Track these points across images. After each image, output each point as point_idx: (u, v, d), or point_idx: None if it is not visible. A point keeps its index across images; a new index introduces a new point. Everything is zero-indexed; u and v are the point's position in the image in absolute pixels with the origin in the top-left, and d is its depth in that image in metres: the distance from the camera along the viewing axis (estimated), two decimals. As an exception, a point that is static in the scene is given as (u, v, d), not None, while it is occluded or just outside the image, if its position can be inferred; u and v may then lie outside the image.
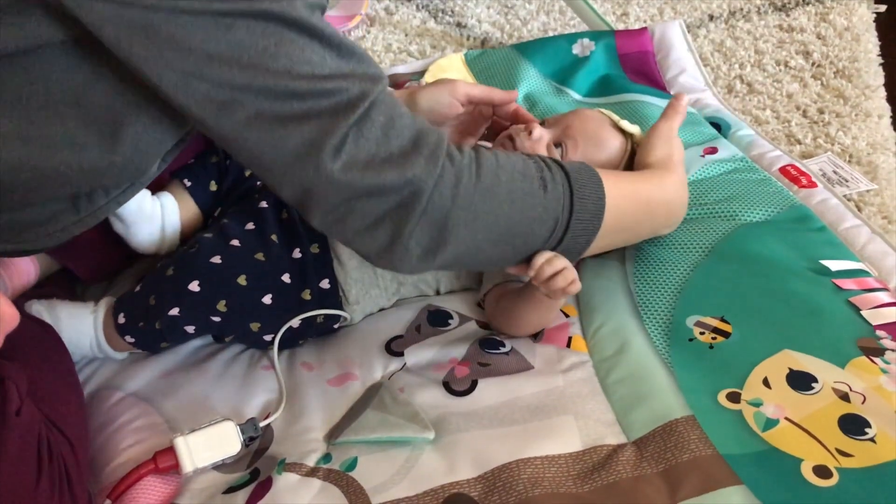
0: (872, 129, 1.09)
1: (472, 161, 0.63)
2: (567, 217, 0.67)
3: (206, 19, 0.54)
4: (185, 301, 0.74)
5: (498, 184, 0.63)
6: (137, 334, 0.78)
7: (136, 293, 0.78)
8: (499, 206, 0.63)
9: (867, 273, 0.78)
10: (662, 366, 0.71)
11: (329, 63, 0.58)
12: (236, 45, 0.55)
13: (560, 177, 0.66)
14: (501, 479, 0.62)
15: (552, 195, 0.65)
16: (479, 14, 1.52)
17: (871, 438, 0.61)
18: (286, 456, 0.68)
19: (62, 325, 0.78)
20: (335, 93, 0.58)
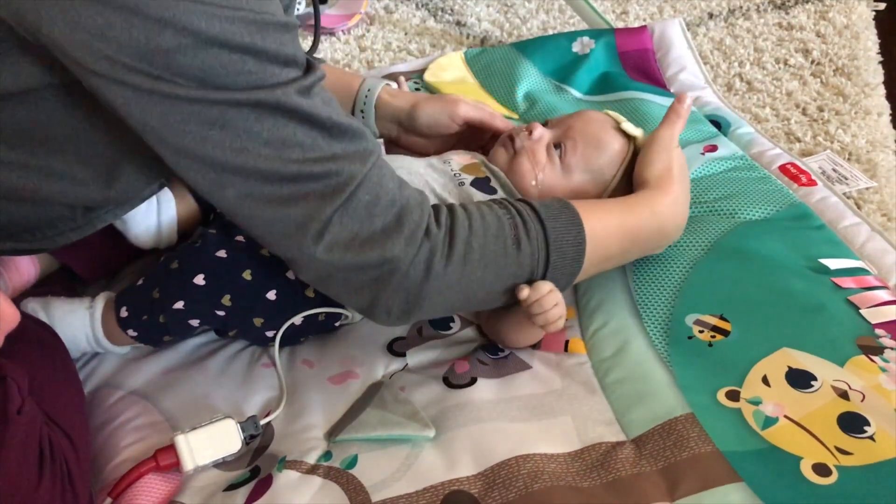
0: (872, 126, 1.09)
1: (446, 234, 0.64)
2: (543, 268, 0.68)
3: (202, 106, 0.56)
4: (190, 295, 0.74)
5: (470, 252, 0.65)
6: (140, 328, 0.77)
7: (138, 286, 0.77)
8: (472, 273, 0.65)
9: (866, 271, 0.78)
10: (661, 364, 0.71)
11: (320, 145, 0.59)
12: (230, 130, 0.57)
13: (535, 230, 0.67)
14: (501, 475, 0.62)
15: (526, 252, 0.66)
16: (478, 12, 1.52)
17: (870, 436, 0.61)
18: (286, 454, 0.68)
19: (57, 322, 0.78)
20: (324, 176, 0.59)
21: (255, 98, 0.56)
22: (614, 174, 0.80)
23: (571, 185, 0.80)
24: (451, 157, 0.83)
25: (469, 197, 0.78)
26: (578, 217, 0.69)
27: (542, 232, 0.67)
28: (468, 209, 0.67)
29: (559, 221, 0.68)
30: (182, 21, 0.52)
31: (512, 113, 1.16)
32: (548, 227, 0.67)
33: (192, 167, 0.59)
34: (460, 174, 0.80)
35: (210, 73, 0.54)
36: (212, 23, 0.53)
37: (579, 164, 0.80)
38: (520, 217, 0.67)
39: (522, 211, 0.68)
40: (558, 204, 0.70)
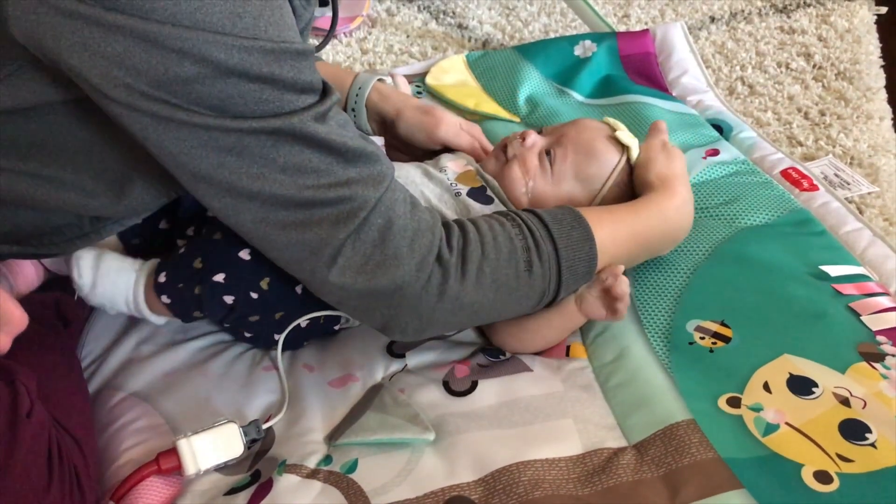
0: (874, 131, 1.09)
1: (458, 257, 0.65)
2: (555, 288, 0.69)
3: (219, 133, 0.56)
4: (233, 268, 0.72)
5: (482, 276, 0.65)
6: (175, 295, 0.75)
7: (181, 255, 0.75)
8: (483, 296, 0.66)
9: (868, 277, 0.78)
10: (662, 370, 0.71)
11: (335, 170, 0.60)
12: (246, 157, 0.58)
13: (547, 253, 0.67)
14: (502, 481, 0.62)
15: (537, 275, 0.67)
16: (480, 15, 1.52)
17: (871, 444, 0.61)
18: (287, 457, 0.68)
19: (102, 277, 0.76)
20: (337, 202, 0.60)
21: (272, 126, 0.57)
22: (605, 182, 0.80)
23: (561, 193, 0.81)
24: (446, 164, 0.83)
25: (466, 207, 0.78)
26: (590, 231, 0.69)
27: (555, 253, 0.67)
28: (480, 230, 0.67)
29: (571, 239, 0.68)
30: (201, 52, 0.53)
31: (513, 116, 1.16)
32: (560, 247, 0.68)
33: (209, 192, 0.60)
34: (456, 184, 0.80)
35: (228, 102, 0.55)
36: (230, 53, 0.54)
37: (569, 172, 0.81)
38: (532, 239, 0.67)
39: (535, 231, 0.68)
40: (570, 217, 0.70)
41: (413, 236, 0.63)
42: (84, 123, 0.61)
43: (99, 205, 0.66)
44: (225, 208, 0.61)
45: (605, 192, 0.81)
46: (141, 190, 0.67)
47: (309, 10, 0.67)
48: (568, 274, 0.68)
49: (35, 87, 0.58)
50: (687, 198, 0.78)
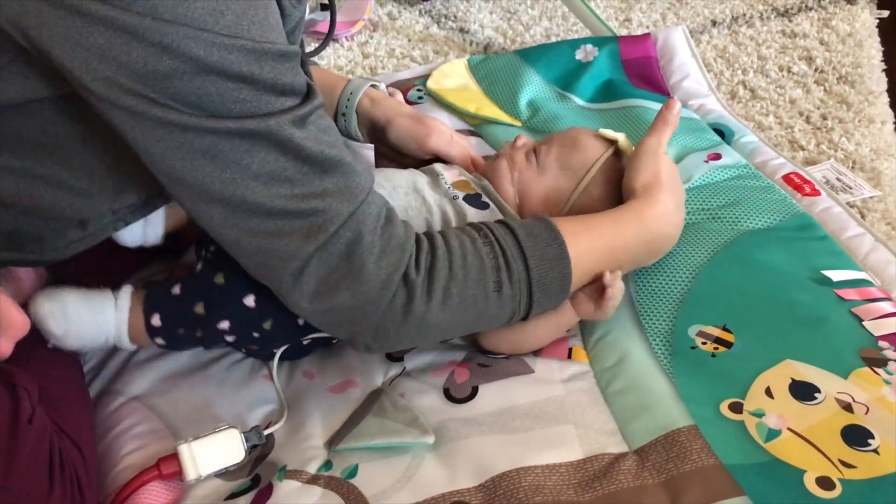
0: (876, 135, 1.09)
1: (425, 277, 0.63)
2: (526, 307, 0.68)
3: (194, 134, 0.56)
4: (238, 316, 0.72)
5: (449, 297, 0.64)
6: (173, 339, 0.74)
7: (176, 297, 0.73)
8: (450, 316, 0.65)
9: (870, 283, 0.78)
10: (664, 375, 0.70)
11: (309, 180, 0.59)
12: (220, 161, 0.57)
13: (518, 272, 0.66)
14: (502, 486, 0.61)
15: (507, 295, 0.66)
16: (481, 19, 1.52)
17: (874, 450, 0.61)
18: (287, 463, 0.68)
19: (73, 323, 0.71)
20: (309, 214, 0.59)
21: (247, 127, 0.56)
22: (588, 169, 0.80)
23: (547, 183, 0.81)
24: (441, 171, 0.83)
25: (462, 212, 0.77)
26: (565, 249, 0.68)
27: (526, 273, 0.66)
28: (450, 247, 0.65)
29: (545, 258, 0.67)
30: (181, 47, 0.52)
31: (515, 120, 1.16)
32: (531, 266, 0.66)
33: (182, 193, 0.59)
34: (453, 189, 0.80)
35: (205, 100, 0.55)
36: (210, 51, 0.53)
37: (554, 163, 0.82)
38: (503, 257, 0.66)
39: (507, 249, 0.66)
40: (546, 234, 0.68)
41: (381, 253, 0.62)
42: (75, 120, 0.61)
43: (95, 204, 0.66)
44: (196, 210, 0.60)
45: (590, 182, 0.80)
46: (136, 189, 0.66)
47: (299, 10, 0.66)
48: (540, 293, 0.67)
49: (26, 81, 0.58)
50: (670, 206, 0.75)
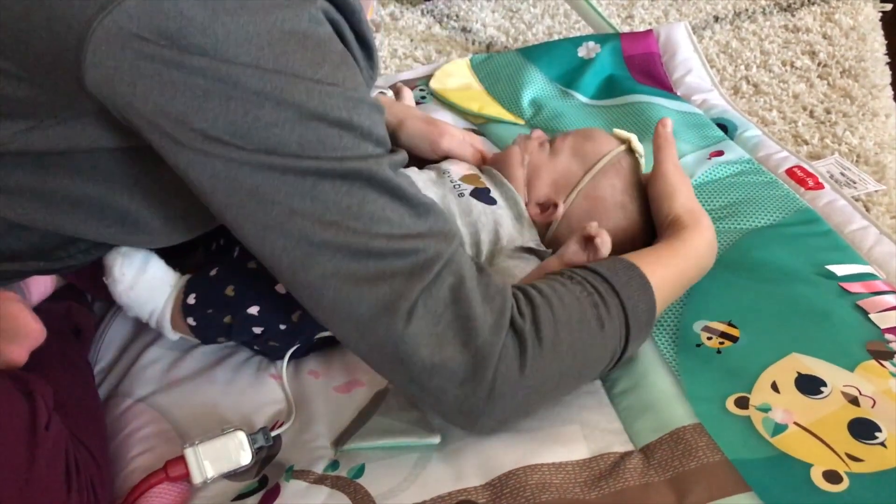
0: (880, 128, 1.09)
1: (531, 325, 0.60)
2: (624, 343, 0.65)
3: (293, 177, 0.55)
4: (268, 302, 0.72)
5: (559, 342, 0.60)
6: (202, 320, 0.75)
7: (211, 277, 0.74)
8: (562, 364, 0.61)
9: (875, 276, 0.78)
10: (669, 373, 0.70)
11: (407, 222, 0.58)
12: (321, 202, 0.56)
13: (615, 307, 0.63)
14: (509, 485, 0.61)
15: (609, 331, 0.63)
16: (483, 18, 1.53)
17: (881, 443, 0.61)
18: (294, 463, 0.68)
19: (142, 283, 0.74)
20: (411, 253, 0.58)
21: (348, 167, 0.56)
22: (599, 159, 0.81)
23: (558, 167, 0.82)
24: (449, 168, 0.83)
25: (469, 206, 0.78)
26: (647, 279, 0.66)
27: (621, 305, 0.63)
28: (544, 292, 0.62)
29: (632, 289, 0.65)
30: (282, 93, 0.53)
31: (518, 119, 1.16)
32: (624, 298, 0.63)
33: (278, 244, 0.57)
34: (460, 184, 0.80)
35: (306, 147, 0.55)
36: (311, 96, 0.54)
37: (566, 149, 0.83)
38: (598, 294, 0.63)
39: (597, 285, 0.63)
40: (624, 268, 0.66)
41: (483, 298, 0.59)
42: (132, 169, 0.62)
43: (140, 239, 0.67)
44: (294, 263, 0.57)
45: (599, 172, 0.80)
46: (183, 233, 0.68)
47: (373, 79, 0.68)
48: (634, 326, 0.64)
49: (92, 132, 0.58)
50: (712, 232, 0.76)
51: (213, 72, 0.52)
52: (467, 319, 0.58)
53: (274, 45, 0.53)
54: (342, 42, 0.60)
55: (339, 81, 0.56)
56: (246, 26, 0.53)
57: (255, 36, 0.53)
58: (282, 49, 0.53)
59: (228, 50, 0.52)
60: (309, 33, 0.55)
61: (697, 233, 0.74)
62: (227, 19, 0.52)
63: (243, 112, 0.53)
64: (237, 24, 0.52)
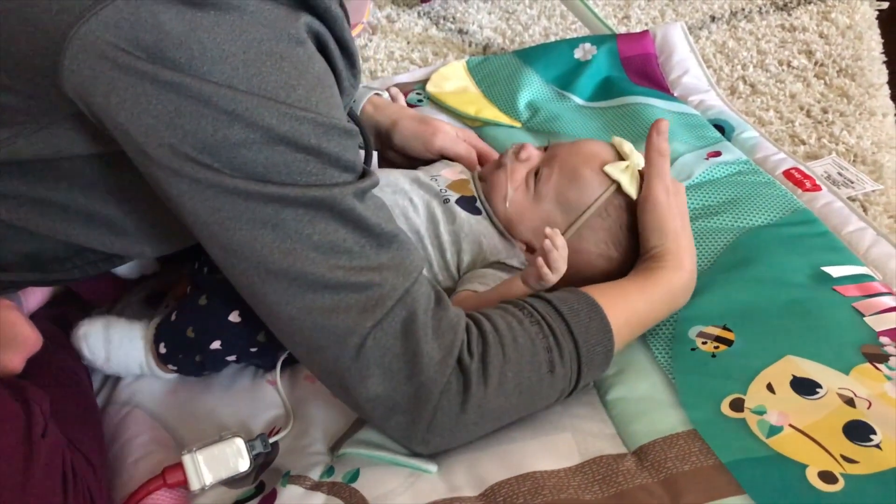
0: (877, 127, 1.09)
1: (479, 363, 0.61)
2: (574, 383, 0.65)
3: (255, 203, 0.56)
4: (226, 333, 0.72)
5: (505, 381, 0.61)
6: (179, 364, 0.77)
7: (173, 322, 0.75)
8: (506, 402, 0.62)
9: (871, 277, 0.78)
10: (664, 379, 0.70)
11: (367, 253, 0.59)
12: (281, 230, 0.56)
13: (569, 352, 0.63)
14: (501, 494, 0.61)
15: (559, 375, 0.63)
16: (480, 20, 1.52)
17: (876, 445, 0.61)
18: (291, 469, 0.68)
19: (114, 349, 0.77)
20: (366, 287, 0.58)
21: (311, 195, 0.56)
22: (585, 210, 0.76)
23: (540, 213, 0.78)
24: (440, 172, 0.83)
25: (452, 214, 0.77)
26: (607, 322, 0.66)
27: (576, 351, 0.64)
28: (499, 330, 0.62)
29: (590, 332, 0.65)
30: (253, 115, 0.53)
31: (515, 122, 1.16)
32: (580, 343, 0.64)
33: (238, 267, 0.59)
34: (446, 191, 0.80)
35: (272, 170, 0.55)
36: (282, 121, 0.54)
37: (550, 194, 0.78)
38: (553, 338, 0.63)
39: (555, 327, 0.63)
40: (586, 307, 0.65)
41: (434, 334, 0.60)
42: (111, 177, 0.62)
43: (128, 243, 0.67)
44: (251, 287, 0.59)
45: (587, 220, 0.76)
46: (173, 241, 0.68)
47: (355, 87, 0.67)
48: (587, 369, 0.65)
49: (73, 137, 0.58)
50: (693, 272, 0.74)
51: (185, 88, 0.52)
52: (414, 355, 0.59)
53: (249, 66, 0.53)
54: (325, 52, 0.60)
55: (311, 106, 0.55)
56: (222, 44, 0.52)
57: (230, 55, 0.53)
58: (257, 69, 0.53)
59: (202, 67, 0.52)
60: (286, 54, 0.55)
61: (675, 276, 0.72)
62: (203, 35, 0.52)
63: (213, 130, 0.53)
64: (214, 41, 0.52)
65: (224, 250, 0.58)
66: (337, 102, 0.59)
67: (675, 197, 0.75)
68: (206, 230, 0.58)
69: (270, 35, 0.54)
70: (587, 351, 0.64)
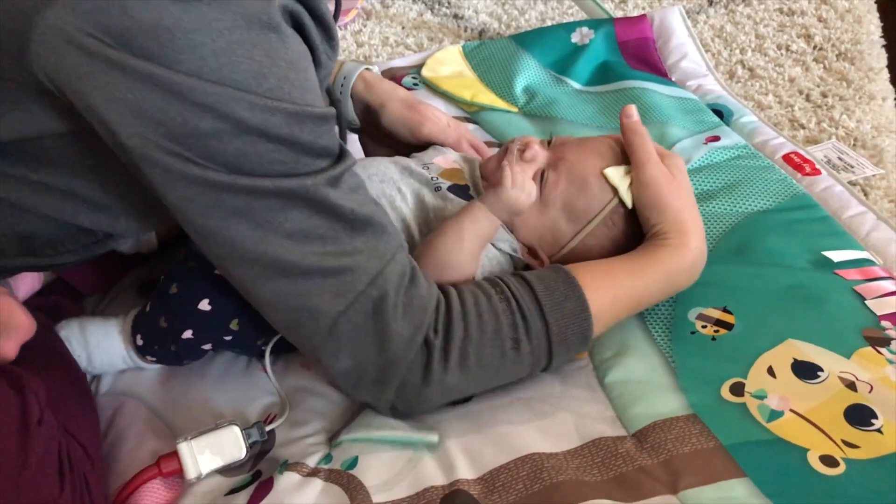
0: (877, 111, 1.08)
1: (442, 340, 0.63)
2: (546, 362, 0.66)
3: (228, 194, 0.56)
4: (197, 322, 0.72)
5: (466, 358, 0.63)
6: (157, 355, 0.76)
7: (147, 313, 0.75)
8: (468, 376, 0.64)
9: (872, 262, 0.77)
10: (664, 362, 0.70)
11: (340, 238, 0.59)
12: (253, 219, 0.57)
13: (536, 329, 0.64)
14: (500, 478, 0.61)
15: (525, 352, 0.64)
16: (475, 5, 1.51)
17: (877, 429, 0.60)
18: (288, 457, 0.68)
19: (94, 349, 0.77)
20: (340, 272, 0.59)
21: (284, 186, 0.56)
22: (592, 218, 0.74)
23: (546, 221, 0.75)
24: (432, 160, 0.81)
25: (445, 201, 0.76)
26: (585, 302, 0.65)
27: (545, 329, 0.64)
28: (466, 306, 0.64)
29: (563, 312, 0.65)
30: (223, 107, 0.53)
31: (511, 106, 1.15)
32: (550, 322, 0.64)
33: (213, 251, 0.60)
34: (438, 178, 0.78)
35: (243, 160, 0.55)
36: (253, 113, 0.53)
37: (557, 202, 0.75)
38: (520, 314, 0.64)
39: (524, 305, 0.64)
40: (563, 286, 0.65)
41: (404, 313, 0.61)
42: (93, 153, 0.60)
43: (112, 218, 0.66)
44: (227, 269, 0.61)
45: (592, 229, 0.74)
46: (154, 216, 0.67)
47: (332, 59, 0.66)
48: (559, 348, 0.65)
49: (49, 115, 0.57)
50: (697, 255, 0.70)
51: (154, 78, 0.51)
52: (384, 333, 0.61)
53: (219, 55, 0.52)
54: (301, 30, 0.58)
55: (283, 95, 0.55)
56: (190, 33, 0.51)
57: (199, 44, 0.51)
58: (227, 59, 0.52)
59: (171, 56, 0.51)
60: (257, 42, 0.53)
61: (676, 254, 0.69)
62: (171, 23, 0.51)
63: (182, 121, 0.53)
64: (182, 29, 0.51)
65: (199, 235, 0.59)
66: (311, 86, 0.58)
67: (676, 171, 0.73)
68: (179, 215, 0.58)
69: (241, 23, 0.53)
70: (559, 331, 0.65)
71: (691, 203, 0.73)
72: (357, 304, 0.60)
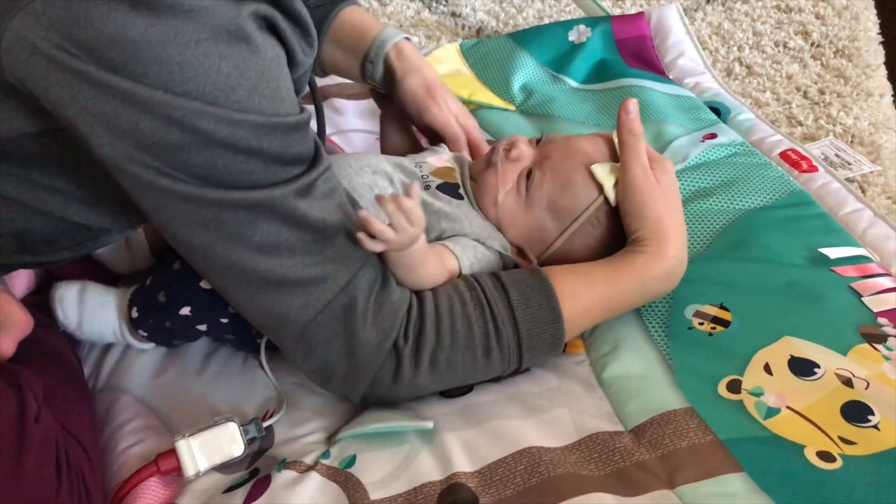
0: (874, 108, 1.08)
1: (413, 346, 0.63)
2: (517, 364, 0.67)
3: (197, 206, 0.56)
4: (196, 300, 0.72)
5: (436, 363, 0.64)
6: (150, 330, 0.76)
7: (147, 287, 0.76)
8: (438, 379, 0.66)
9: (868, 259, 0.78)
10: (660, 358, 0.70)
11: (310, 249, 0.60)
12: (222, 232, 0.57)
13: (507, 337, 0.65)
14: (498, 472, 0.61)
15: (496, 359, 0.66)
16: (473, 3, 1.51)
17: (874, 426, 0.61)
18: (286, 456, 0.68)
19: (87, 313, 0.77)
20: (309, 282, 0.60)
21: (251, 198, 0.56)
22: (577, 217, 0.73)
23: (531, 220, 0.75)
24: (426, 160, 0.81)
25: (434, 198, 0.75)
26: (558, 311, 0.66)
27: (516, 337, 0.65)
28: (439, 311, 0.64)
29: (536, 321, 0.66)
30: (191, 122, 0.52)
31: (509, 104, 1.15)
32: (522, 331, 0.65)
33: (187, 255, 0.61)
34: (429, 177, 0.78)
35: (212, 172, 0.55)
36: (220, 126, 0.53)
37: (542, 201, 0.74)
38: (493, 322, 0.65)
39: (497, 314, 0.65)
40: (539, 294, 0.66)
41: (373, 320, 0.62)
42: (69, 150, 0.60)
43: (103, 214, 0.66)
44: (201, 272, 0.63)
45: (577, 228, 0.74)
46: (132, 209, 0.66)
47: (310, 56, 0.65)
48: (529, 354, 0.67)
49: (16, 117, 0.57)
50: (675, 263, 0.69)
51: (121, 92, 0.51)
52: (352, 338, 0.62)
53: (185, 68, 0.51)
54: (276, 32, 0.58)
55: (252, 107, 0.54)
56: (156, 46, 0.51)
57: (165, 57, 0.51)
58: (194, 72, 0.52)
59: (137, 69, 0.51)
60: (225, 54, 0.53)
61: (652, 263, 0.69)
62: (136, 35, 0.50)
63: (150, 133, 0.53)
64: (148, 42, 0.50)
65: (173, 241, 0.60)
66: (284, 94, 0.57)
67: (662, 176, 0.71)
68: (153, 221, 0.59)
69: (208, 35, 0.52)
70: (530, 339, 0.66)
71: (674, 210, 0.71)
72: (326, 310, 0.61)
